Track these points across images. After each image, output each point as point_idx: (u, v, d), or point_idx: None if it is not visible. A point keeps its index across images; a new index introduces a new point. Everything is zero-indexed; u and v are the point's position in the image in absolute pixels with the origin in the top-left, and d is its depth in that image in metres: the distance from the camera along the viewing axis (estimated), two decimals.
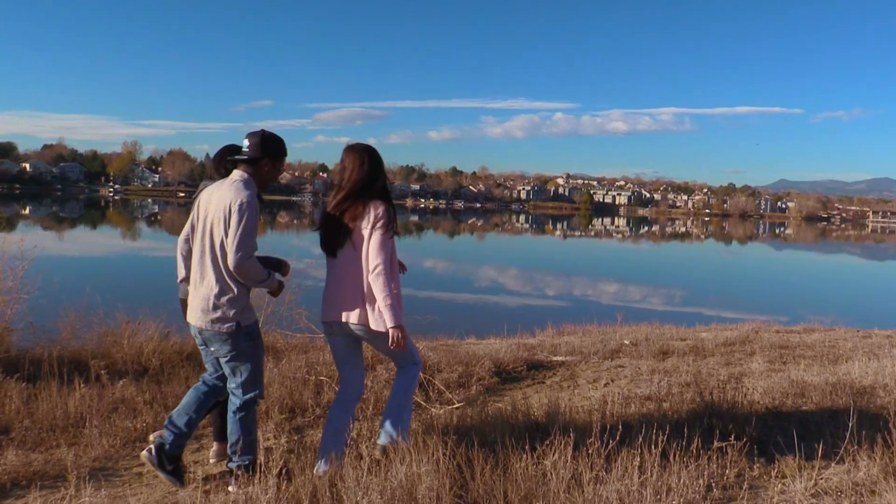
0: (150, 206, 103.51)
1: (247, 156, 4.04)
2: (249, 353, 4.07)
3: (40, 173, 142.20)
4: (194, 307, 4.05)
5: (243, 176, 4.01)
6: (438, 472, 3.73)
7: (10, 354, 6.39)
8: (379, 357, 6.60)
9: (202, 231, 4.03)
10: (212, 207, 3.98)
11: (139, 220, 70.01)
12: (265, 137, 4.07)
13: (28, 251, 7.21)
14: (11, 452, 4.56)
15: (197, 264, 4.05)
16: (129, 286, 17.71)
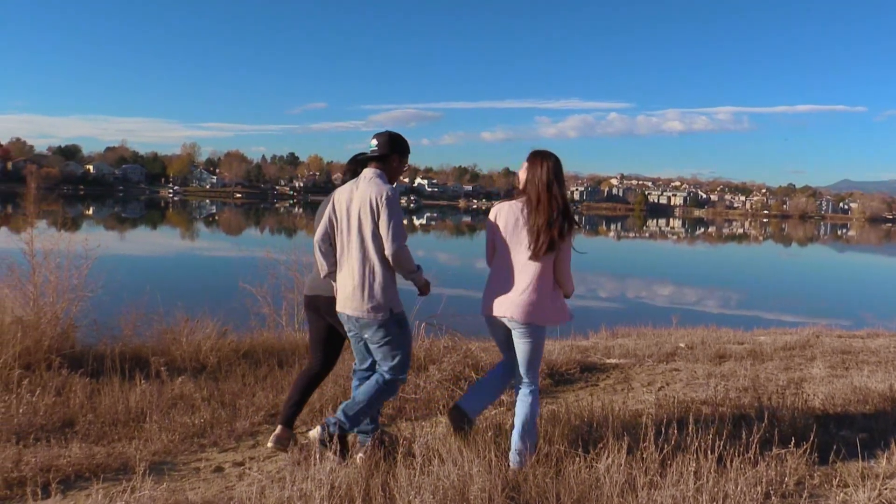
0: (208, 207, 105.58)
1: (377, 153, 4.36)
2: (400, 338, 4.34)
3: (103, 175, 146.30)
4: (348, 297, 4.29)
5: (376, 171, 4.32)
6: (490, 473, 3.72)
7: (74, 350, 6.60)
8: (432, 357, 6.63)
9: (348, 228, 4.30)
10: (354, 205, 4.27)
11: (197, 221, 71.47)
12: (392, 136, 4.42)
13: (92, 251, 7.43)
14: (76, 445, 4.70)
15: (347, 258, 4.31)
16: (187, 285, 18.12)
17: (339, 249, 4.37)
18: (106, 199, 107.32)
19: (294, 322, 8.92)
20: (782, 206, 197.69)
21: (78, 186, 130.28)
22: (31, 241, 7.02)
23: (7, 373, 5.71)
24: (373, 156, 4.38)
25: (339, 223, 4.36)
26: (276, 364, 6.89)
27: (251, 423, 5.41)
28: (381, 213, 4.15)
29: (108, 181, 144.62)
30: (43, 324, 6.51)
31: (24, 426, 4.98)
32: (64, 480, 4.25)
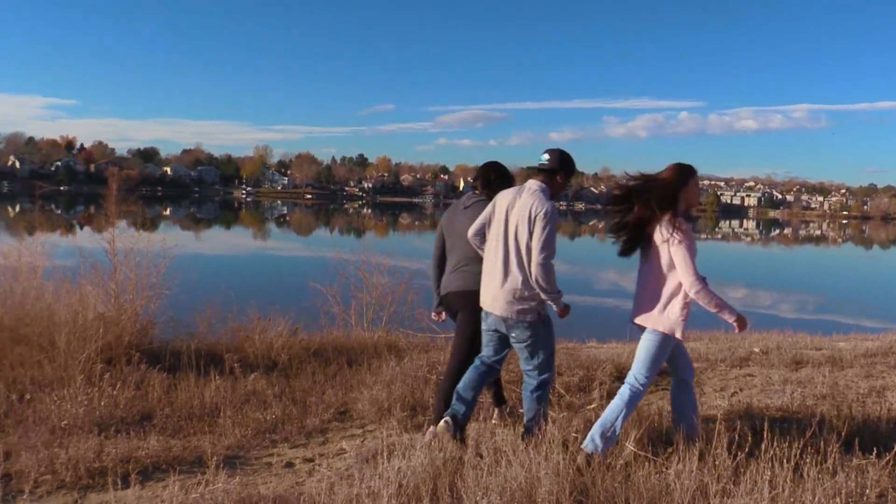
0: (280, 208, 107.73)
1: (548, 167, 4.57)
2: (546, 339, 4.55)
3: (180, 176, 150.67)
4: (498, 298, 4.46)
5: (541, 185, 4.51)
6: (558, 476, 3.70)
7: (153, 346, 6.82)
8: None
9: (504, 232, 4.48)
10: (514, 212, 4.46)
11: (269, 221, 72.99)
12: (563, 154, 4.64)
13: (169, 250, 7.67)
14: (153, 438, 4.85)
15: (501, 261, 4.48)
16: (260, 284, 18.53)
17: (492, 251, 4.57)
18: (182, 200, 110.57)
19: (363, 321, 9.02)
20: (863, 206, 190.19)
21: (156, 188, 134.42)
22: (112, 241, 7.29)
23: (90, 366, 5.94)
24: (541, 168, 4.57)
25: (496, 226, 4.56)
26: (346, 363, 6.98)
27: (321, 421, 5.49)
28: (536, 226, 4.31)
29: (184, 183, 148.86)
30: (123, 320, 6.75)
31: (105, 418, 5.17)
32: (142, 471, 4.39)
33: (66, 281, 7.17)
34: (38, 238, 8.18)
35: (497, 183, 5.01)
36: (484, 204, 4.90)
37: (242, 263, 29.28)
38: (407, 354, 7.12)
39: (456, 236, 5.05)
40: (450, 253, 5.15)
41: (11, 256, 7.42)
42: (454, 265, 5.06)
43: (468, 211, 5.03)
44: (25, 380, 5.90)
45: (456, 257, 5.06)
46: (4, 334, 6.59)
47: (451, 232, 5.14)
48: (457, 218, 5.11)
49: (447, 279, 5.11)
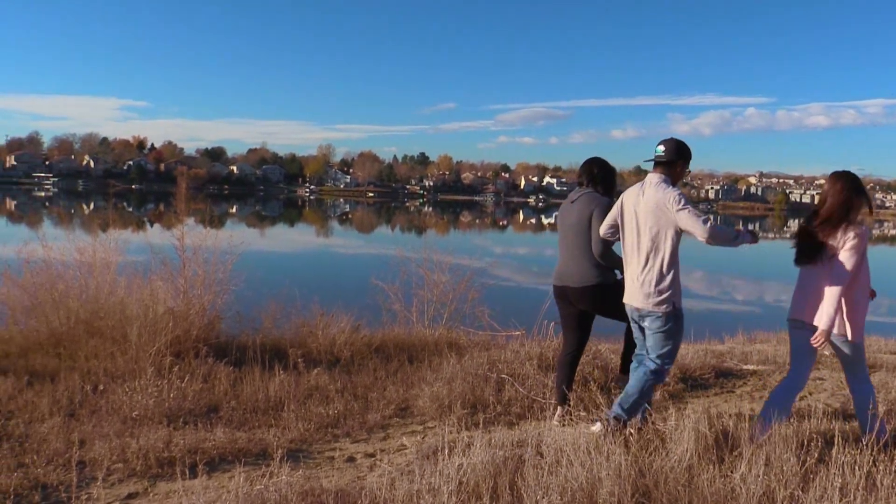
0: (342, 206, 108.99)
1: (665, 159, 4.65)
2: (676, 331, 4.67)
3: (245, 175, 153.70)
4: (635, 291, 4.65)
5: (662, 177, 4.62)
6: (620, 478, 3.65)
7: (219, 340, 6.98)
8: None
9: (636, 229, 4.66)
10: (641, 208, 4.62)
11: (332, 219, 73.91)
12: (678, 143, 4.71)
13: (236, 247, 7.84)
14: (220, 430, 4.97)
15: (636, 256, 4.66)
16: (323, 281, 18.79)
17: (627, 247, 4.74)
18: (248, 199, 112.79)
19: (424, 319, 9.07)
20: None
21: (223, 186, 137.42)
22: (181, 238, 7.49)
23: (160, 359, 6.11)
24: (659, 161, 4.66)
25: (627, 224, 4.73)
26: (407, 359, 7.02)
27: (382, 417, 5.55)
28: (676, 213, 4.42)
29: (249, 181, 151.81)
30: (192, 314, 6.92)
31: (174, 410, 5.31)
32: (209, 462, 4.50)
33: (137, 276, 7.40)
34: (111, 235, 8.45)
35: (600, 176, 5.32)
36: (589, 197, 5.21)
37: (306, 260, 29.73)
38: (468, 352, 7.13)
39: (566, 229, 5.29)
40: (561, 245, 5.39)
41: (87, 252, 7.69)
42: (567, 260, 5.29)
43: (575, 205, 5.26)
44: (99, 371, 6.12)
45: (567, 251, 5.30)
46: (80, 327, 6.84)
47: (562, 225, 5.37)
48: (567, 211, 5.33)
49: (562, 270, 5.31)
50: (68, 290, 7.19)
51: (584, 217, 5.14)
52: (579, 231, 5.16)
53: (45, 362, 6.37)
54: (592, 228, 5.08)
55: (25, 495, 4.01)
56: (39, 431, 4.82)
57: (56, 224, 38.63)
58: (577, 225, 5.17)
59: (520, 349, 6.93)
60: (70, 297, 7.09)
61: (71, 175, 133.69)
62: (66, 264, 7.61)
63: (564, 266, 5.29)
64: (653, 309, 4.59)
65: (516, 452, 4.19)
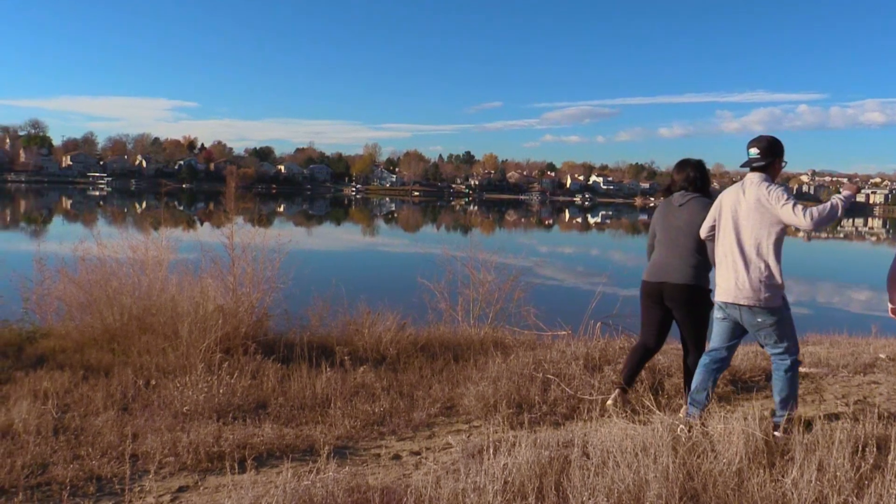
0: (388, 205, 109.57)
1: (763, 162, 4.69)
2: (789, 321, 4.76)
3: (293, 174, 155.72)
4: (742, 289, 4.66)
5: (761, 176, 4.68)
6: (667, 480, 3.61)
7: (268, 338, 7.08)
8: (607, 358, 6.50)
9: (737, 228, 4.71)
10: (742, 207, 4.69)
11: (378, 218, 74.36)
12: (771, 141, 4.73)
13: (284, 245, 7.94)
14: (268, 425, 5.04)
15: (738, 255, 4.68)
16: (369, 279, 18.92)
17: (727, 247, 4.76)
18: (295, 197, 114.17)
19: (470, 318, 9.07)
20: None
21: (270, 185, 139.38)
22: (231, 236, 7.61)
23: (210, 356, 6.23)
24: (755, 164, 4.70)
25: (724, 224, 4.80)
26: (452, 358, 7.03)
27: (427, 415, 5.56)
28: (780, 208, 4.49)
29: (297, 180, 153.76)
30: (241, 312, 7.03)
31: (223, 405, 5.40)
32: (258, 457, 4.57)
33: (188, 274, 7.55)
34: (163, 233, 8.63)
35: (697, 178, 5.44)
36: (702, 202, 5.31)
37: (352, 259, 29.97)
38: (513, 352, 7.10)
39: (671, 230, 5.39)
40: (662, 245, 5.45)
41: (140, 250, 7.87)
42: (666, 259, 5.37)
43: (683, 209, 5.37)
44: (151, 366, 6.25)
45: (667, 251, 5.38)
46: (133, 323, 7.00)
47: (666, 227, 5.45)
48: (672, 215, 5.43)
49: (660, 269, 5.39)
50: (122, 287, 7.36)
51: (698, 221, 5.23)
52: (689, 233, 5.28)
53: (99, 357, 6.53)
54: None
55: (81, 486, 4.12)
56: (94, 424, 4.94)
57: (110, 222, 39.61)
58: (687, 227, 5.29)
59: (566, 349, 6.89)
60: (123, 293, 7.26)
61: (124, 174, 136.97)
62: (120, 262, 7.80)
63: (665, 263, 5.37)
64: (763, 305, 4.63)
65: (562, 453, 4.17)
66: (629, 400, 5.49)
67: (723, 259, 4.81)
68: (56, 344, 6.90)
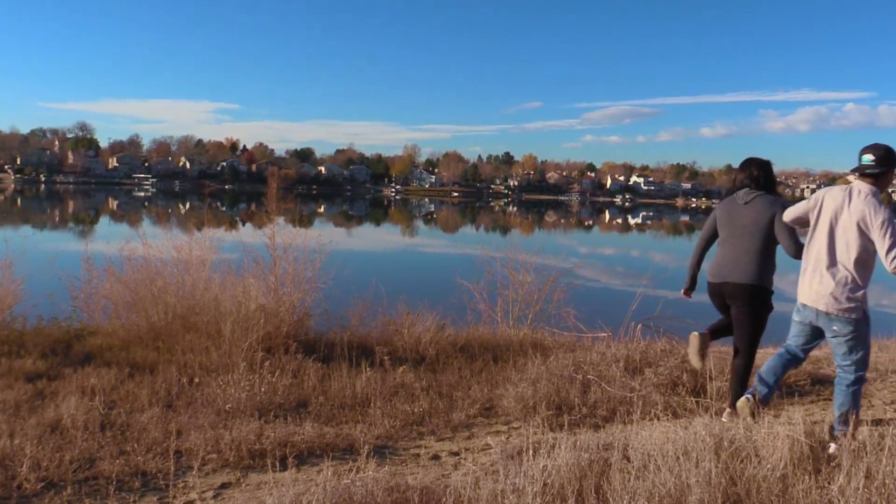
0: (427, 205, 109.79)
1: (877, 171, 4.51)
2: (866, 336, 4.64)
3: (333, 175, 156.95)
4: (823, 294, 4.59)
5: (871, 189, 4.51)
6: (710, 485, 3.56)
7: (308, 337, 7.15)
8: (648, 360, 6.44)
9: (831, 233, 4.59)
10: (843, 215, 4.53)
11: (417, 219, 74.56)
12: (888, 150, 4.57)
13: (324, 245, 8.01)
14: (308, 424, 5.08)
15: (827, 259, 4.59)
16: (408, 279, 18.98)
17: (816, 249, 4.68)
18: (335, 198, 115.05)
19: (509, 319, 9.05)
20: None
21: (311, 186, 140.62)
22: (272, 236, 7.71)
23: (252, 354, 6.31)
24: (867, 171, 4.52)
25: (821, 225, 4.66)
26: (491, 359, 7.03)
27: (467, 416, 5.56)
28: (877, 234, 4.35)
29: (337, 181, 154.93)
30: (282, 311, 7.11)
31: (264, 404, 5.47)
32: (298, 455, 4.61)
33: (230, 273, 7.66)
34: (206, 233, 8.77)
35: (761, 176, 5.35)
36: (768, 200, 5.25)
37: (392, 259, 30.10)
38: (553, 353, 7.07)
39: (735, 228, 5.32)
40: (726, 244, 5.41)
41: (183, 250, 8.01)
42: (730, 257, 5.32)
43: (750, 206, 5.29)
44: (195, 364, 6.35)
45: (731, 249, 5.33)
46: (177, 322, 7.12)
47: (729, 224, 5.38)
48: (737, 213, 5.35)
49: (723, 268, 5.34)
50: (166, 286, 7.50)
51: (764, 218, 5.19)
52: (755, 231, 5.22)
53: (144, 355, 6.66)
54: (778, 230, 5.15)
55: (127, 481, 4.20)
56: (139, 421, 5.04)
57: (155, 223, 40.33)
58: (753, 226, 5.23)
59: (606, 351, 6.83)
60: (168, 293, 7.39)
61: (168, 176, 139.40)
62: (165, 261, 7.95)
63: (727, 262, 5.33)
64: (842, 315, 4.54)
65: (602, 455, 4.14)
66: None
67: (810, 261, 4.72)
68: (103, 342, 7.05)
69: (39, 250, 11.42)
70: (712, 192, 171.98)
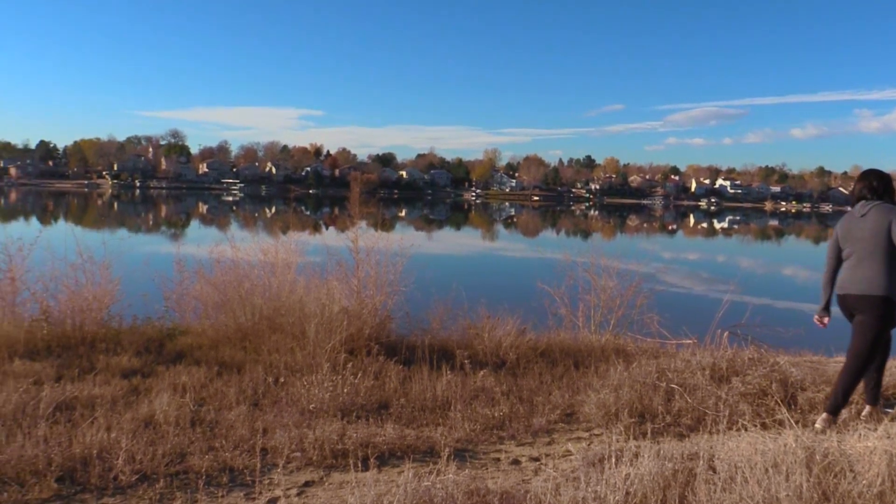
0: (507, 209, 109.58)
1: None
2: None
3: (414, 180, 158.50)
4: None
5: None
6: (800, 500, 3.43)
7: (390, 339, 7.23)
8: (735, 369, 6.26)
9: None
10: None
11: (497, 223, 74.50)
12: None
13: (406, 249, 8.10)
14: (390, 425, 5.14)
15: None
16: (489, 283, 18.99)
17: None
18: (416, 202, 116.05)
19: (590, 324, 8.95)
20: None
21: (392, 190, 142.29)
22: (355, 240, 7.84)
23: (335, 356, 6.43)
24: None
25: None
26: (573, 364, 6.96)
27: (547, 421, 5.52)
28: None
29: (418, 185, 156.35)
30: (364, 314, 7.22)
31: (347, 404, 5.56)
32: (380, 456, 4.67)
33: (315, 276, 7.82)
34: (291, 237, 8.98)
35: (881, 187, 5.33)
36: (884, 208, 5.23)
37: (472, 263, 30.17)
38: (635, 359, 6.95)
39: (856, 242, 5.31)
40: (850, 259, 5.39)
41: (270, 253, 8.23)
42: (854, 270, 5.32)
43: (867, 218, 5.29)
44: (280, 364, 6.51)
45: (856, 263, 5.32)
46: (263, 323, 7.32)
47: (850, 239, 5.38)
48: (855, 225, 5.36)
49: (847, 282, 5.36)
50: (253, 288, 7.71)
51: (882, 228, 5.17)
52: (875, 242, 5.19)
53: (232, 354, 6.86)
54: (894, 236, 5.12)
55: (215, 477, 4.34)
56: (227, 418, 5.20)
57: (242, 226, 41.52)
58: (872, 238, 5.20)
59: (691, 358, 6.67)
60: (255, 294, 7.60)
61: (255, 180, 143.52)
62: (252, 264, 8.18)
63: (851, 276, 5.33)
64: None
65: (687, 465, 4.04)
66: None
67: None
68: (193, 341, 7.31)
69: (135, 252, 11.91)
70: (803, 196, 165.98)
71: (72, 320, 7.20)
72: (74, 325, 7.17)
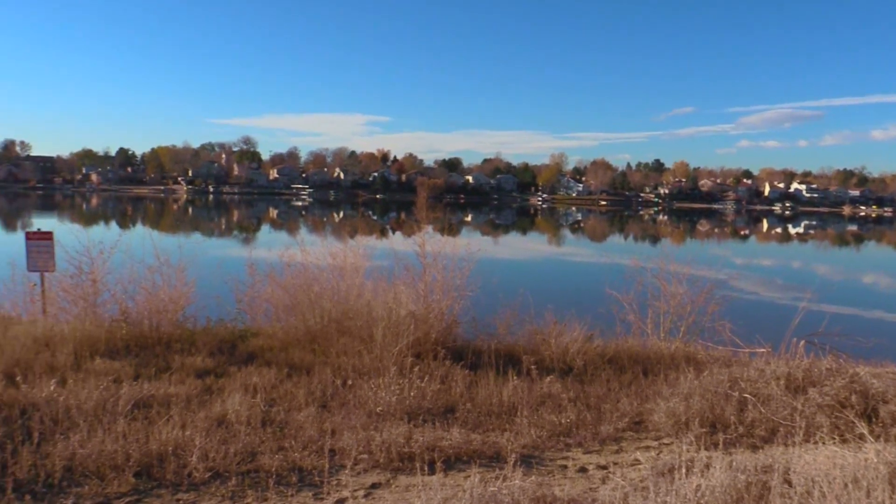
0: (574, 214, 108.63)
1: None
2: None
3: (480, 184, 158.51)
4: None
5: None
6: None
7: (456, 344, 7.25)
8: (812, 379, 6.06)
9: None
10: None
11: (564, 228, 73.92)
12: None
13: (472, 254, 8.10)
14: (456, 430, 5.15)
15: None
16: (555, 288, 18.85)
17: None
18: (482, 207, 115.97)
19: (660, 331, 8.79)
20: None
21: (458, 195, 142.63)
22: (422, 245, 7.89)
23: (402, 359, 6.47)
24: None
25: None
26: (641, 372, 6.86)
27: (615, 429, 5.45)
28: None
29: (484, 190, 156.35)
30: (431, 318, 7.25)
31: (413, 408, 5.59)
32: (446, 460, 4.68)
33: (382, 280, 7.90)
34: (359, 241, 9.10)
35: None
36: None
37: (538, 268, 30.00)
38: (707, 368, 6.79)
39: None
40: None
41: (338, 257, 8.35)
42: None
43: None
44: (348, 367, 6.60)
45: None
46: (332, 326, 7.43)
47: None
48: None
49: None
50: (322, 291, 7.84)
51: None
52: None
53: (301, 356, 6.98)
54: None
55: (285, 476, 4.42)
56: (297, 419, 5.28)
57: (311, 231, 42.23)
58: None
59: (765, 368, 6.49)
60: (324, 297, 7.72)
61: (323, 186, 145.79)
62: (321, 268, 8.32)
63: None
64: None
65: (761, 478, 3.93)
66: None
67: None
68: (264, 342, 7.46)
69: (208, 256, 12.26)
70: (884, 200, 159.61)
71: (149, 321, 7.45)
72: (151, 326, 7.41)
